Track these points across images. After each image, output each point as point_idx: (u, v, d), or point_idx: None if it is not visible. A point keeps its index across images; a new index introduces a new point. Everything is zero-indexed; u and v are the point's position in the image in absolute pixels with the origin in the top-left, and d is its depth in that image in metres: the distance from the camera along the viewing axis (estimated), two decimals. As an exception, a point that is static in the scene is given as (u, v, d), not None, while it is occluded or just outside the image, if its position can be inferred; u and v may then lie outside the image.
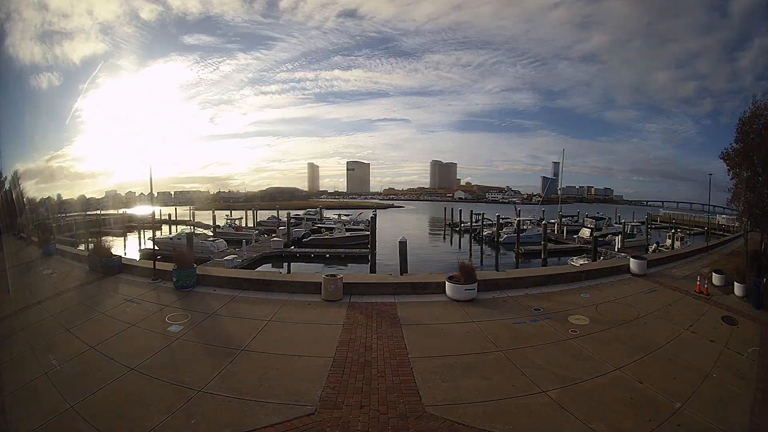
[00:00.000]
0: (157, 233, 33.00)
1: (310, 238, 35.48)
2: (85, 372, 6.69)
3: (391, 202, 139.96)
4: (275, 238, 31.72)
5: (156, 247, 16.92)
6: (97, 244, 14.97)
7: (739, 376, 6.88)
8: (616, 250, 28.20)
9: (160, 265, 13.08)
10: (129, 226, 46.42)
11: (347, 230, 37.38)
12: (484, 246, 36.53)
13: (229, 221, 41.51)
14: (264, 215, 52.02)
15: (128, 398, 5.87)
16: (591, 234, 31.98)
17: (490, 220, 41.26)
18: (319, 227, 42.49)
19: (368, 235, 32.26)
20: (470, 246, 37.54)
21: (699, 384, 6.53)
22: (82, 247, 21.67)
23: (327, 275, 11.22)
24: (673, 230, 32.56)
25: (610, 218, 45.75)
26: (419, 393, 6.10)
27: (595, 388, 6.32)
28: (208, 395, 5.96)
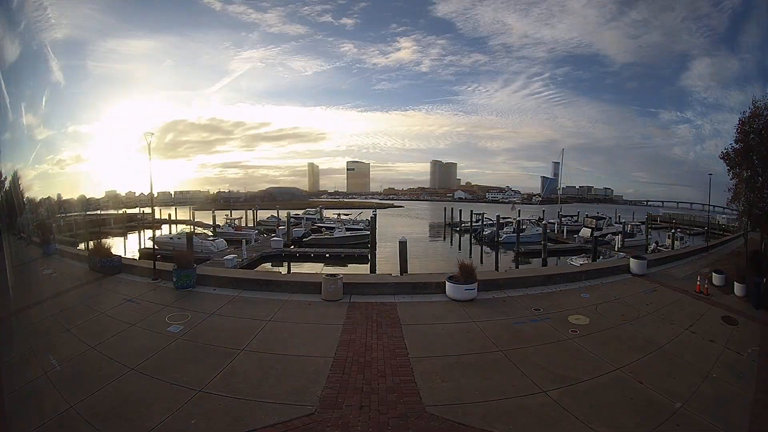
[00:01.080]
0: (157, 233, 33.03)
1: (310, 237, 35.45)
2: (85, 372, 6.70)
3: (391, 202, 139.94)
4: (275, 238, 31.69)
5: (156, 247, 16.92)
6: (97, 244, 14.98)
7: (739, 376, 6.88)
8: (616, 249, 28.21)
9: (160, 265, 13.09)
10: (129, 226, 46.45)
11: (347, 230, 37.36)
12: (484, 246, 36.51)
13: (228, 221, 41.52)
14: (264, 215, 52.04)
15: (128, 398, 5.87)
16: (591, 234, 31.97)
17: (490, 219, 41.23)
18: (319, 227, 42.49)
19: (368, 234, 32.25)
20: (470, 246, 37.53)
21: (699, 384, 6.53)
22: (82, 247, 21.68)
23: (327, 275, 11.22)
24: (672, 230, 32.56)
25: (610, 218, 45.72)
26: (419, 393, 6.10)
27: (595, 388, 6.32)
28: (208, 395, 5.96)
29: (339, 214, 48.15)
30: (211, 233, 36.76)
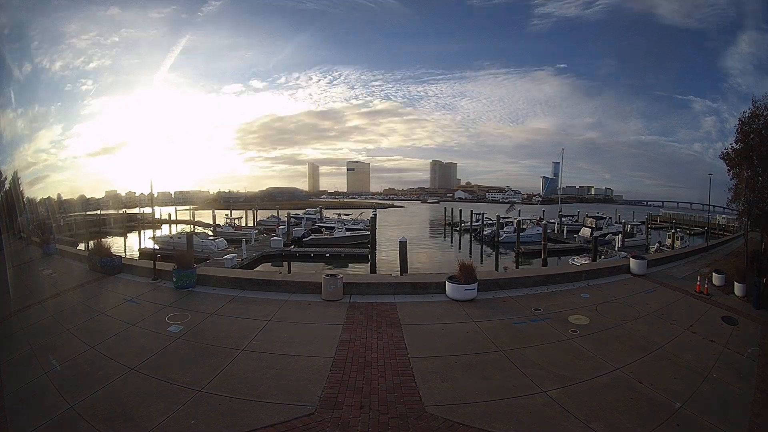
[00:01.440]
0: (157, 233, 33.09)
1: (310, 237, 35.48)
2: (85, 372, 6.70)
3: (391, 203, 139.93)
4: (275, 238, 31.74)
5: (156, 246, 16.94)
6: (97, 244, 14.98)
7: (739, 376, 6.88)
8: (616, 249, 28.22)
9: (160, 265, 13.08)
10: (129, 225, 46.48)
11: (347, 230, 37.38)
12: (484, 246, 36.53)
13: (228, 220, 41.61)
14: (264, 215, 52.11)
15: (128, 398, 5.87)
16: (591, 233, 31.98)
17: (490, 219, 41.29)
18: (319, 227, 42.53)
19: (368, 234, 32.26)
20: (470, 245, 37.55)
21: (699, 384, 6.53)
22: (82, 247, 21.70)
23: (327, 275, 11.22)
24: (673, 230, 32.59)
25: (610, 218, 45.77)
26: (419, 393, 6.10)
27: (595, 388, 6.32)
28: (208, 395, 5.96)
29: (339, 214, 48.20)
30: (211, 233, 36.79)
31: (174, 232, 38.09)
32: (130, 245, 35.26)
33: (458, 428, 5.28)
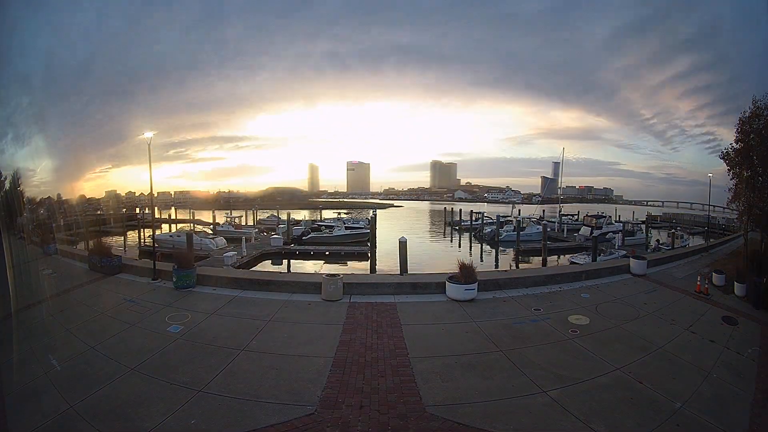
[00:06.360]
0: (157, 232, 33.05)
1: (310, 236, 35.49)
2: (85, 372, 6.70)
3: (391, 202, 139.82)
4: (275, 236, 31.77)
5: (156, 245, 16.93)
6: (97, 244, 14.96)
7: (739, 376, 6.89)
8: (616, 248, 28.23)
9: (160, 265, 13.08)
10: (129, 225, 46.47)
11: (347, 228, 37.42)
12: (484, 245, 36.53)
13: (228, 219, 41.69)
14: (264, 215, 52.21)
15: (128, 398, 5.87)
16: (591, 232, 32.01)
17: (490, 218, 41.32)
18: (318, 225, 42.58)
19: (367, 233, 32.24)
20: (470, 245, 37.54)
21: (699, 384, 6.53)
22: (82, 246, 21.68)
23: (327, 275, 11.22)
24: (672, 229, 32.66)
25: (609, 216, 45.78)
26: (419, 393, 6.10)
27: (595, 388, 6.32)
28: (208, 395, 5.96)
29: (339, 213, 48.27)
30: (210, 231, 36.80)
31: (174, 231, 38.10)
32: (129, 245, 35.23)
33: (458, 428, 5.28)
